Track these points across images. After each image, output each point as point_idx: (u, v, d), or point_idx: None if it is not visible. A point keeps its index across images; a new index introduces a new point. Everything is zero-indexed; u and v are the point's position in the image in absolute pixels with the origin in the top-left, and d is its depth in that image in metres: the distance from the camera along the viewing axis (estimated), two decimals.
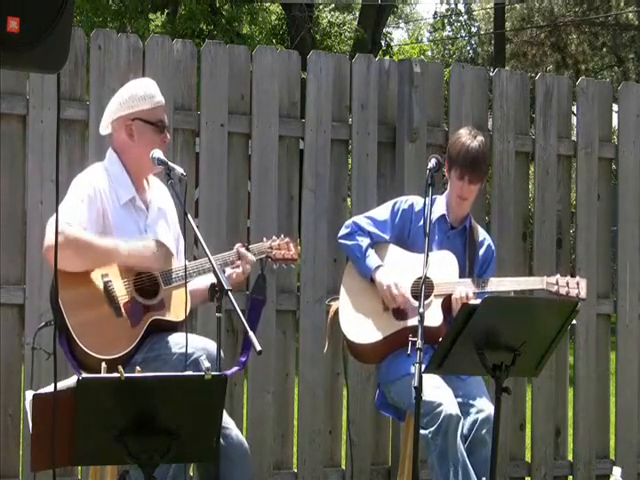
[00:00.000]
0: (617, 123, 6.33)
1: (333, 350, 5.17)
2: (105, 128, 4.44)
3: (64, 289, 4.04)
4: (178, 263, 4.33)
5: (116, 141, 4.40)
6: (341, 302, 4.80)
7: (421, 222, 4.80)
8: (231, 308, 3.90)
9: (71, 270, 4.06)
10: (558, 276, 4.69)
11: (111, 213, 4.25)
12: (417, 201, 4.88)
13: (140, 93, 4.34)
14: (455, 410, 4.39)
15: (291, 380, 5.54)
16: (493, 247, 4.96)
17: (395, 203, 4.89)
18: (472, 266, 4.80)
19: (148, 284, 4.22)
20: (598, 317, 6.14)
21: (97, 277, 4.14)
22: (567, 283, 4.64)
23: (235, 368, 4.41)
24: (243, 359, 4.39)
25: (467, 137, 4.74)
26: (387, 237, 4.83)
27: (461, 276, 4.71)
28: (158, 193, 4.46)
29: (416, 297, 4.61)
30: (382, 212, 4.89)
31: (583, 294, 4.62)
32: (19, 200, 5.02)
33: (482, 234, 4.94)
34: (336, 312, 4.83)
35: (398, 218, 4.85)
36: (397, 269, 4.73)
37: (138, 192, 4.36)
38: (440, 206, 4.85)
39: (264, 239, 4.59)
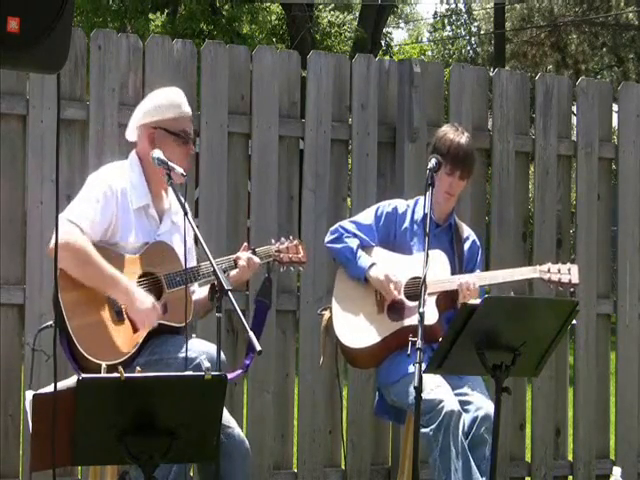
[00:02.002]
0: (617, 123, 6.34)
1: (333, 350, 5.16)
2: (131, 134, 4.42)
3: (67, 291, 4.03)
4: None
5: (139, 147, 4.37)
6: (334, 309, 4.79)
7: (405, 224, 4.85)
8: (231, 308, 3.90)
9: (69, 273, 4.05)
10: (549, 264, 4.72)
11: (122, 217, 4.21)
12: (400, 204, 4.92)
13: (165, 102, 4.31)
14: (456, 406, 4.40)
15: (291, 380, 5.53)
16: (478, 243, 4.98)
17: (378, 208, 4.91)
18: (461, 262, 4.82)
19: (151, 287, 4.20)
20: (598, 317, 6.14)
21: None
22: (559, 270, 4.68)
23: (239, 371, 4.39)
24: (247, 362, 4.36)
25: (455, 133, 4.76)
26: (373, 241, 4.84)
27: (452, 273, 4.72)
28: (176, 207, 4.34)
29: (409, 297, 4.63)
30: (366, 217, 4.90)
31: (575, 279, 4.65)
32: (19, 200, 5.02)
33: (466, 231, 4.96)
34: (329, 321, 4.83)
35: (382, 222, 4.86)
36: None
37: (154, 201, 4.31)
38: (422, 206, 4.83)
39: (272, 240, 4.56)
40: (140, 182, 4.30)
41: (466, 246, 4.89)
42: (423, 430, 4.35)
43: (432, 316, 4.55)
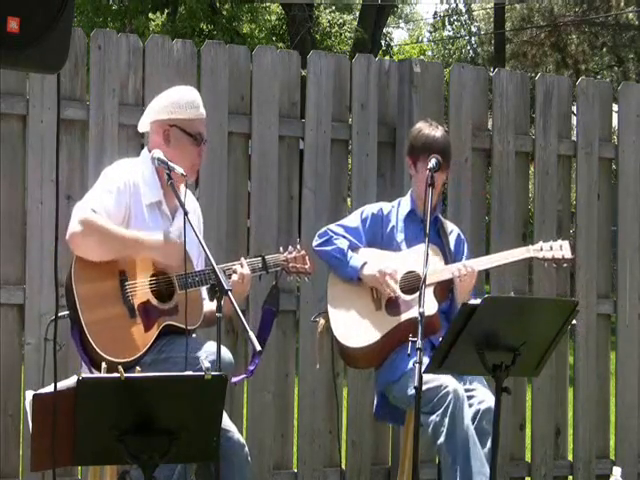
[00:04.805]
0: (617, 123, 6.34)
1: (333, 350, 5.16)
2: (143, 126, 4.41)
3: (80, 283, 4.03)
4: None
5: (152, 143, 4.34)
6: (331, 315, 4.76)
7: (392, 223, 4.87)
8: (231, 309, 3.89)
9: (92, 258, 4.04)
10: (541, 242, 4.80)
11: (135, 211, 4.20)
12: (385, 206, 4.94)
13: (184, 101, 4.30)
14: (460, 388, 4.41)
15: (291, 380, 5.54)
16: (462, 236, 4.99)
17: (363, 211, 4.93)
18: (449, 253, 4.83)
19: (164, 286, 4.19)
20: (598, 317, 6.14)
21: (114, 274, 4.11)
22: (551, 247, 4.76)
23: (242, 375, 4.39)
24: (252, 367, 4.35)
25: (430, 128, 4.78)
26: (360, 243, 4.85)
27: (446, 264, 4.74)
28: (190, 207, 4.29)
29: (405, 292, 4.66)
30: (352, 219, 4.92)
31: (568, 254, 4.74)
32: (19, 200, 5.02)
33: (450, 226, 4.98)
34: (324, 327, 4.82)
35: (368, 224, 4.88)
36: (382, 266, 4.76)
37: (166, 198, 4.30)
38: (406, 204, 4.90)
39: (281, 249, 4.56)
40: (152, 178, 4.29)
41: (451, 239, 4.90)
42: (429, 419, 4.37)
43: (432, 306, 4.57)
